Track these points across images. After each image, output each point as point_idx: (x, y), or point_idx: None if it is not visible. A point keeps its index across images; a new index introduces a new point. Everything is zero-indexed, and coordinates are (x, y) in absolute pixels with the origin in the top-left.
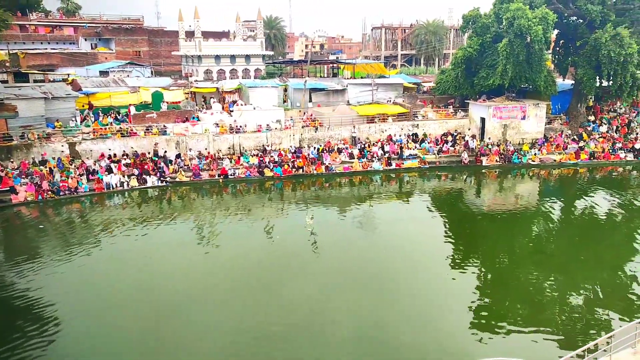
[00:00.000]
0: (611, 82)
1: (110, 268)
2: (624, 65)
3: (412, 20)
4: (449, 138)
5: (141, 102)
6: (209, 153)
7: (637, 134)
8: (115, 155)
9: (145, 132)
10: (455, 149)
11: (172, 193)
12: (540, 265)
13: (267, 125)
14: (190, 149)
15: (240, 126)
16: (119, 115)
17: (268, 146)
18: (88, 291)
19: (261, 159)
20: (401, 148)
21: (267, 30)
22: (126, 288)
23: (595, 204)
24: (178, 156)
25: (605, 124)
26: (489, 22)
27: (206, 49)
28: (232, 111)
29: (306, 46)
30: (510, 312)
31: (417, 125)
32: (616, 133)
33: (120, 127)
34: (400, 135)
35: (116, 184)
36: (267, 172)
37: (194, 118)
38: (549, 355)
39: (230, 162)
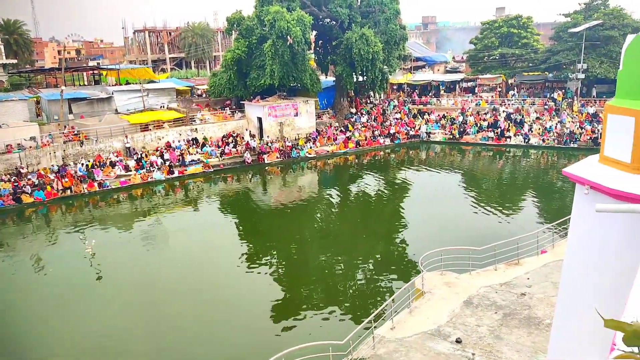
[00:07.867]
0: (365, 77)
1: None
2: (373, 62)
3: (177, 23)
4: (230, 140)
5: None
6: None
7: (390, 121)
8: None
9: None
10: (237, 150)
11: None
12: (329, 248)
13: (19, 144)
14: None
15: None
16: None
17: (23, 168)
18: None
19: (16, 184)
20: (182, 154)
21: (6, 35)
22: None
23: (366, 185)
24: None
25: (365, 115)
26: (253, 25)
27: None
28: None
29: (59, 52)
30: (309, 298)
31: (196, 129)
32: (375, 122)
33: None
34: (179, 142)
35: None
36: (26, 198)
37: None
38: (344, 332)
39: None
